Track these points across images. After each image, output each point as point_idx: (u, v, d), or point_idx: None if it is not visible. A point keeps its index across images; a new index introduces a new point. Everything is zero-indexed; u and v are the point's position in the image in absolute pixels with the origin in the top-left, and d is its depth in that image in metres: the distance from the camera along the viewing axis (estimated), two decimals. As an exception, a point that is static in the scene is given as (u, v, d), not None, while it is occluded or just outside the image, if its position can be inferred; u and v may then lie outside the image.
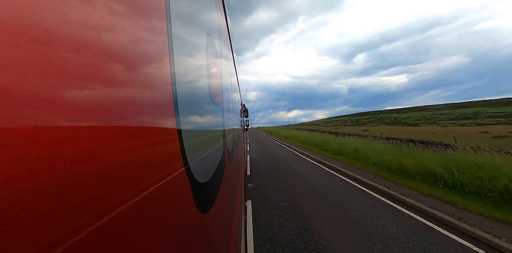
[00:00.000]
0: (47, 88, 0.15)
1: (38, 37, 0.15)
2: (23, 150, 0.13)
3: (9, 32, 0.13)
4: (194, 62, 0.61)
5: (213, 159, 0.81)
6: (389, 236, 3.22)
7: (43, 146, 0.15)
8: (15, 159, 0.13)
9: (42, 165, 0.15)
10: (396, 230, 3.40)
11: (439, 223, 3.62)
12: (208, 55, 0.82)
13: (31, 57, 0.14)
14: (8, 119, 0.13)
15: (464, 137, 15.98)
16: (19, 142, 0.13)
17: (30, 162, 0.14)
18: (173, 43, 0.42)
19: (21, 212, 0.13)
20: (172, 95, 0.40)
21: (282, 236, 3.32)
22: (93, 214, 0.19)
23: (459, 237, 3.18)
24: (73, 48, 0.18)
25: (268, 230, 3.49)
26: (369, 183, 5.81)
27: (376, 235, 3.26)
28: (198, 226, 0.50)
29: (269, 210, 4.31)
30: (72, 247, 0.16)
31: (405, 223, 3.65)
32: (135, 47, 0.29)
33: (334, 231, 3.39)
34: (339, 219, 3.83)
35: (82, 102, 0.19)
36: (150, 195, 0.28)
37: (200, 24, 0.70)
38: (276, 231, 3.45)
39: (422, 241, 3.10)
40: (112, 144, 0.22)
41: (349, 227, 3.53)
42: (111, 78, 0.23)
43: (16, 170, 0.13)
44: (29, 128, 0.14)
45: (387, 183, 5.79)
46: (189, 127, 0.52)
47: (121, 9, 0.26)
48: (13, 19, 0.13)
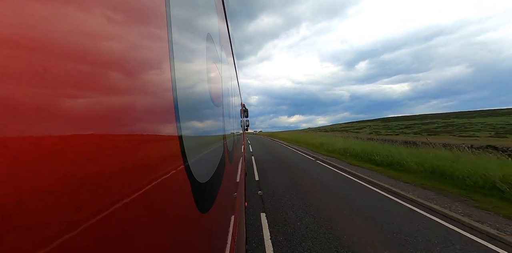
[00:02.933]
0: (48, 90, 0.16)
1: (40, 42, 0.15)
2: (23, 150, 0.14)
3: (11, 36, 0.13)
4: (194, 64, 0.62)
5: (213, 159, 0.81)
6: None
7: (43, 146, 0.15)
8: (15, 159, 0.13)
9: (42, 165, 0.15)
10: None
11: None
12: (208, 57, 0.82)
13: (33, 59, 0.15)
14: (8, 119, 0.13)
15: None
16: (19, 142, 0.13)
17: (30, 162, 0.14)
18: (174, 46, 0.42)
19: (21, 212, 0.13)
20: (173, 96, 0.40)
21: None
22: (94, 214, 0.19)
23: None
24: (74, 51, 0.18)
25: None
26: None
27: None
28: (198, 226, 0.50)
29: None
30: (73, 247, 0.16)
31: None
32: (135, 51, 0.29)
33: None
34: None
35: (84, 103, 0.19)
36: (151, 195, 0.29)
37: (200, 27, 0.70)
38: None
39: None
40: (113, 145, 0.23)
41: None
42: (112, 80, 0.23)
43: (16, 170, 0.13)
44: (29, 128, 0.14)
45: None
46: (190, 128, 0.52)
47: (121, 13, 0.26)
48: (14, 25, 0.14)
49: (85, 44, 0.19)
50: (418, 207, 4.31)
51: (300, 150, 14.67)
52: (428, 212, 4.07)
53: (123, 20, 0.26)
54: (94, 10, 0.21)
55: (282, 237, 3.21)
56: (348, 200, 4.68)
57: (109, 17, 0.23)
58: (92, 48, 0.20)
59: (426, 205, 4.32)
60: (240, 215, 1.61)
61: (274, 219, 3.81)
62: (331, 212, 4.04)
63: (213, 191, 0.72)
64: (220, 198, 0.84)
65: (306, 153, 13.06)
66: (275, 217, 3.87)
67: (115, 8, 0.25)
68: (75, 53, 0.18)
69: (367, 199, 4.75)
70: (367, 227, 3.47)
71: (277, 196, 4.99)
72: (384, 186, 5.58)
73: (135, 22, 0.29)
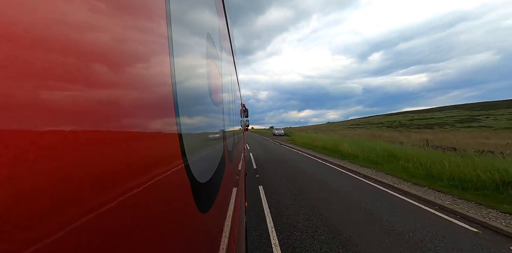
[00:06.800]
0: (47, 88, 0.15)
1: (39, 40, 0.15)
2: (23, 150, 0.13)
3: (9, 32, 0.13)
4: (194, 63, 0.61)
5: (213, 159, 0.81)
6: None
7: (43, 146, 0.15)
8: (15, 159, 0.13)
9: (42, 165, 0.15)
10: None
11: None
12: (208, 55, 0.82)
13: (32, 58, 0.14)
14: (8, 119, 0.13)
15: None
16: (19, 142, 0.13)
17: (30, 162, 0.14)
18: (173, 44, 0.42)
19: (21, 212, 0.13)
20: (172, 96, 0.40)
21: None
22: (93, 214, 0.19)
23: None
24: (74, 50, 0.18)
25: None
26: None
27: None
28: (198, 226, 0.50)
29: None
30: (73, 247, 0.16)
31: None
32: (135, 48, 0.29)
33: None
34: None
35: (83, 102, 0.19)
36: (150, 195, 0.28)
37: (200, 25, 0.70)
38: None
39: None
40: (112, 144, 0.22)
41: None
42: (111, 78, 0.23)
43: (16, 170, 0.13)
44: (29, 128, 0.14)
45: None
46: (189, 127, 0.52)
47: (121, 9, 0.26)
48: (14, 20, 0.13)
49: (86, 44, 0.19)
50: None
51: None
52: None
53: (123, 16, 0.26)
54: (94, 10, 0.21)
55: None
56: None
57: (109, 16, 0.23)
58: (93, 47, 0.20)
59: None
60: (240, 215, 1.61)
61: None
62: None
63: (213, 191, 0.72)
64: (220, 198, 0.84)
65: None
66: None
67: (115, 4, 0.25)
68: (75, 52, 0.18)
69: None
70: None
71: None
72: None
73: (135, 18, 0.29)
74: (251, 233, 3.33)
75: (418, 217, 3.91)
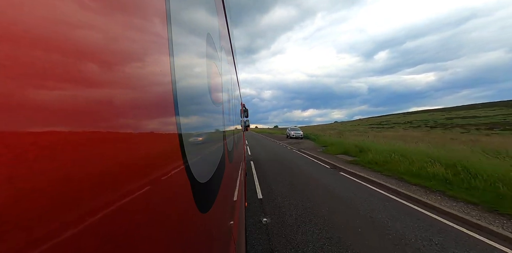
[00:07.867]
0: (47, 88, 0.15)
1: (39, 41, 0.15)
2: (23, 150, 0.13)
3: (9, 32, 0.13)
4: (194, 63, 0.61)
5: (213, 159, 0.81)
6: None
7: (43, 146, 0.15)
8: (15, 159, 0.13)
9: (42, 165, 0.15)
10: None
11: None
12: (208, 55, 0.82)
13: (33, 58, 0.14)
14: (8, 119, 0.13)
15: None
16: (19, 142, 0.13)
17: (30, 162, 0.14)
18: (173, 44, 0.42)
19: (21, 212, 0.13)
20: (172, 96, 0.40)
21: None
22: (94, 214, 0.19)
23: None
24: (74, 50, 0.18)
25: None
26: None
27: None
28: (198, 226, 0.50)
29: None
30: (73, 247, 0.16)
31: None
32: (135, 48, 0.29)
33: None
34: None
35: (83, 103, 0.19)
36: (150, 195, 0.28)
37: (200, 25, 0.70)
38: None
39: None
40: (112, 144, 0.22)
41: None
42: (111, 78, 0.23)
43: (16, 170, 0.13)
44: (29, 128, 0.14)
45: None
46: (189, 127, 0.52)
47: (121, 9, 0.26)
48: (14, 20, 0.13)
49: (86, 44, 0.19)
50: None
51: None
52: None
53: (123, 16, 0.26)
54: (94, 10, 0.21)
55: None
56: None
57: (109, 16, 0.23)
58: (93, 48, 0.20)
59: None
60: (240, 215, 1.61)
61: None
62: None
63: (213, 191, 0.72)
64: (220, 198, 0.84)
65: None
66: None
67: (115, 7, 0.25)
68: (75, 52, 0.18)
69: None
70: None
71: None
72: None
73: (135, 18, 0.29)
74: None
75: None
